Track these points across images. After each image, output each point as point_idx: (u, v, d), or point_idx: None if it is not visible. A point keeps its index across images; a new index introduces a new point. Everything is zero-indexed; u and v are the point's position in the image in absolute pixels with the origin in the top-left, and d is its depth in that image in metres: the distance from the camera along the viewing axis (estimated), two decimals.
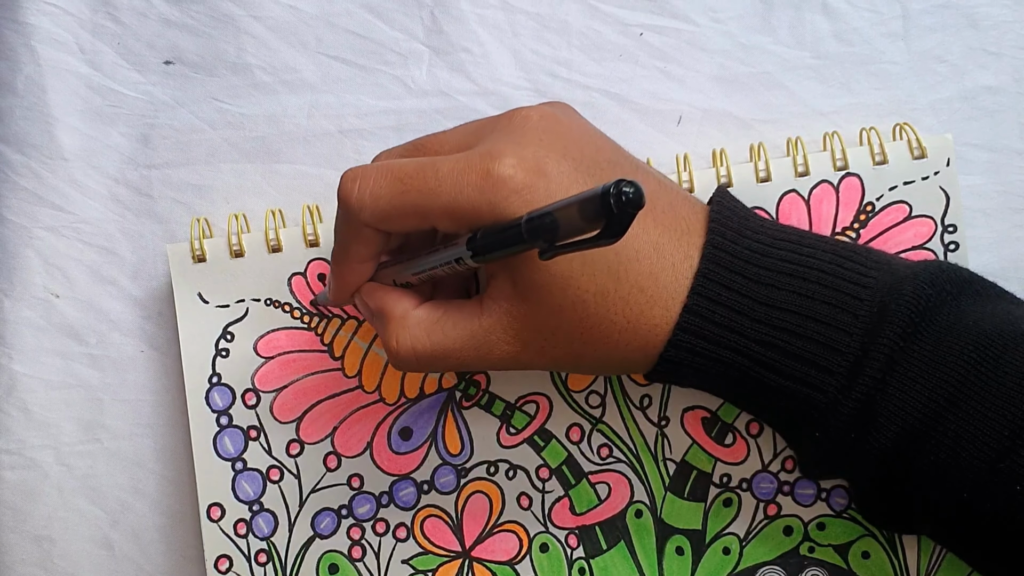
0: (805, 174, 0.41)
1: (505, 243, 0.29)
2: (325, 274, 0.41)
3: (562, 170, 0.32)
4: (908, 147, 0.41)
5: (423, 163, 0.33)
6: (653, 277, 0.33)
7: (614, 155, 0.35)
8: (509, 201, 0.31)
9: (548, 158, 0.32)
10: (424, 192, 0.32)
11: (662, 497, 0.41)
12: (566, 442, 0.41)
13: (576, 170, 0.33)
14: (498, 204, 0.31)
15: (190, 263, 0.42)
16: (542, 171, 0.32)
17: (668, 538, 0.41)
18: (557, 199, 0.29)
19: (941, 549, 0.40)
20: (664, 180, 0.36)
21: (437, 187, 0.32)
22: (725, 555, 0.41)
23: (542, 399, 0.41)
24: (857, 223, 0.41)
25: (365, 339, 0.42)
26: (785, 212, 0.41)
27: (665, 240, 0.34)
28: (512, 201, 0.31)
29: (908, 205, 0.40)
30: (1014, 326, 0.33)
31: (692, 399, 0.41)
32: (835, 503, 0.41)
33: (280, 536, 0.41)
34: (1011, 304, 0.35)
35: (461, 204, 0.32)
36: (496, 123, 0.35)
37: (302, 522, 0.41)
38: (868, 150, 0.41)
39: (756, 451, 0.41)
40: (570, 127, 0.35)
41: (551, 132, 0.34)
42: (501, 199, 0.31)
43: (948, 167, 0.40)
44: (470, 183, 0.32)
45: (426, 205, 0.32)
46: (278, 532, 0.41)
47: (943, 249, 0.40)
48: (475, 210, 0.32)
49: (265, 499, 0.41)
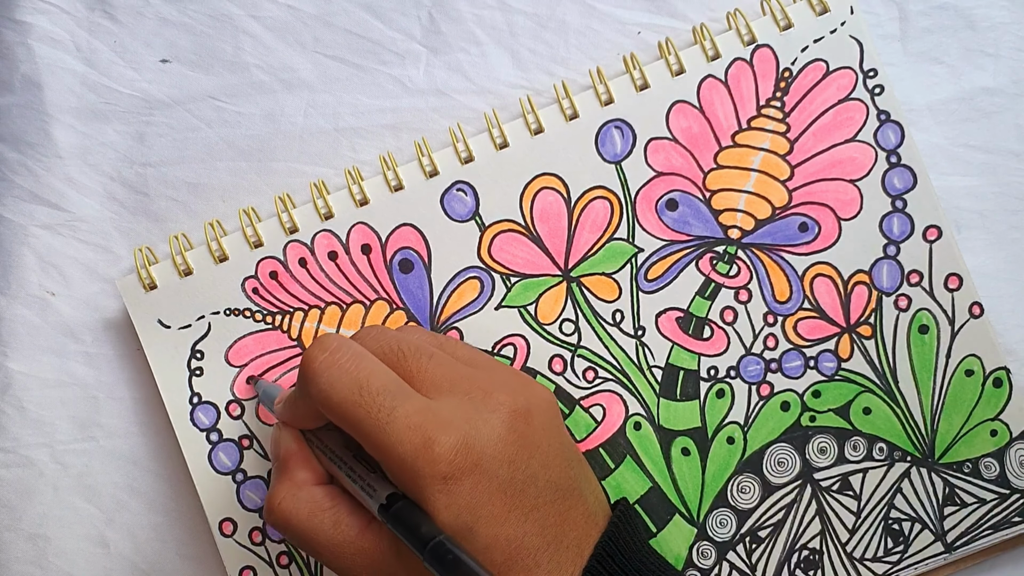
0: (716, 57, 0.41)
1: (409, 541, 0.31)
2: (277, 272, 0.42)
3: (491, 483, 0.33)
4: (809, 5, 0.42)
5: (388, 391, 0.33)
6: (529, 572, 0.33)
7: (557, 475, 0.35)
8: (432, 486, 0.32)
9: (488, 462, 0.33)
10: (370, 419, 0.32)
11: (656, 404, 0.41)
12: (551, 374, 0.42)
13: (502, 488, 0.33)
14: (420, 477, 0.32)
15: (142, 293, 0.42)
16: (475, 469, 0.32)
17: (671, 442, 0.41)
18: (475, 507, 0.31)
19: (942, 388, 0.41)
20: (591, 498, 0.36)
21: (383, 426, 0.32)
22: (730, 444, 0.41)
23: (517, 339, 0.42)
24: (779, 91, 0.41)
25: (331, 324, 0.42)
26: (707, 99, 0.41)
27: (543, 546, 0.34)
28: (433, 488, 0.32)
29: (824, 62, 0.41)
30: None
31: (662, 303, 0.41)
32: (824, 368, 0.41)
33: None
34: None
35: (395, 454, 0.32)
36: (474, 385, 0.35)
37: None
38: (772, 18, 0.42)
39: (736, 337, 0.41)
40: (529, 435, 0.34)
41: (511, 432, 0.34)
42: (426, 476, 0.32)
43: (853, 15, 0.41)
44: (411, 442, 0.32)
45: (365, 431, 0.32)
46: None
47: (869, 95, 0.41)
48: (401, 467, 0.32)
49: None
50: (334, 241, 0.42)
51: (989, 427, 0.41)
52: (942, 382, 0.41)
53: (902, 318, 0.41)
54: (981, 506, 0.41)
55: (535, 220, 0.42)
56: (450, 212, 0.42)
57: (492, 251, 0.42)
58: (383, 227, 0.42)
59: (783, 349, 0.41)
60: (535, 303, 0.42)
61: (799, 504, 0.41)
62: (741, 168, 0.42)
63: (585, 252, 0.42)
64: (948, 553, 0.41)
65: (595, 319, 0.42)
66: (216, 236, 0.42)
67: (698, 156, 0.42)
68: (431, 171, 0.42)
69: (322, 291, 0.42)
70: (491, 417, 0.34)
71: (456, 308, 0.42)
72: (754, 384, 0.42)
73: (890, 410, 0.41)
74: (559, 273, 0.42)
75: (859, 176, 0.41)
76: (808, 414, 0.41)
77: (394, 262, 0.42)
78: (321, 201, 0.42)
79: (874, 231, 0.41)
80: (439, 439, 0.32)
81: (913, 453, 0.41)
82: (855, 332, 0.41)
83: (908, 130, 0.41)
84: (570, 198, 0.42)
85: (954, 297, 0.41)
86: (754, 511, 0.41)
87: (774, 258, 0.42)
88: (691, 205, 0.42)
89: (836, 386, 0.41)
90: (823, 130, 0.41)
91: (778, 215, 0.42)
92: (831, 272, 0.41)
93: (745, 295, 0.42)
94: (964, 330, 0.41)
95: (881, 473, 0.41)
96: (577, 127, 0.42)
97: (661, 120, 0.42)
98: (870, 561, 0.41)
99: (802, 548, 0.41)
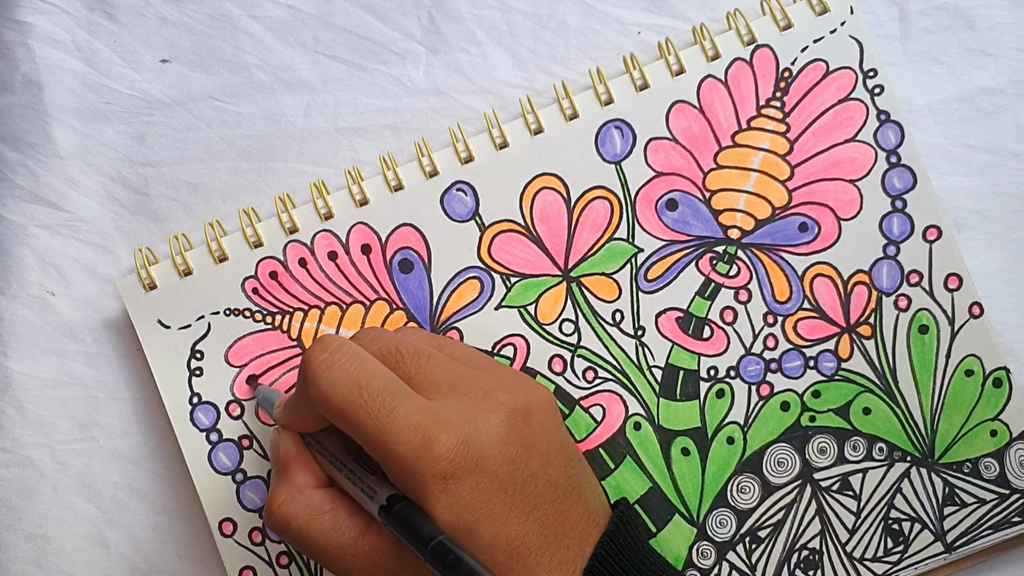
0: (716, 57, 0.41)
1: (410, 541, 0.31)
2: (277, 272, 0.42)
3: (491, 483, 0.33)
4: (809, 5, 0.42)
5: (388, 391, 0.33)
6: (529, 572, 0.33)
7: (557, 474, 0.35)
8: (433, 486, 0.32)
9: (489, 462, 0.33)
10: (370, 419, 0.32)
11: (656, 404, 0.41)
12: (550, 375, 0.42)
13: (503, 488, 0.33)
14: (421, 476, 0.32)
15: (142, 293, 0.42)
16: (475, 469, 0.32)
17: (671, 442, 0.41)
18: (476, 507, 0.31)
19: (942, 388, 0.41)
20: (592, 495, 0.36)
21: (383, 426, 0.32)
22: (730, 445, 0.41)
23: (517, 340, 0.42)
24: (779, 91, 0.41)
25: (331, 324, 0.42)
26: (707, 99, 0.41)
27: (543, 545, 0.34)
28: (434, 488, 0.32)
29: (824, 62, 0.41)
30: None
31: (662, 303, 0.41)
32: (824, 368, 0.41)
33: None
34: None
35: (395, 454, 0.32)
36: (473, 385, 0.35)
37: None
38: (772, 18, 0.42)
39: (736, 337, 0.41)
40: (529, 434, 0.34)
41: (511, 431, 0.34)
42: (426, 475, 0.32)
43: (853, 15, 0.41)
44: (411, 442, 0.32)
45: (365, 431, 0.32)
46: None
47: (869, 95, 0.41)
48: (401, 467, 0.32)
49: None
50: (334, 241, 0.42)
51: (989, 427, 0.41)
52: (942, 382, 0.41)
53: (902, 318, 0.41)
54: (981, 506, 0.41)
55: (535, 220, 0.42)
56: (450, 212, 0.42)
57: (492, 251, 0.42)
58: (383, 227, 0.42)
59: (783, 349, 0.41)
60: (535, 303, 0.42)
61: (799, 504, 0.41)
62: (741, 168, 0.42)
63: (585, 252, 0.42)
64: (948, 553, 0.41)
65: (595, 319, 0.42)
66: (216, 236, 0.42)
67: (698, 156, 0.42)
68: (431, 171, 0.42)
69: (322, 291, 0.42)
70: (491, 416, 0.34)
71: (456, 308, 0.42)
72: (754, 384, 0.42)
73: (890, 410, 0.41)
74: (559, 273, 0.42)
75: (859, 176, 0.41)
76: (808, 414, 0.41)
77: (394, 262, 0.42)
78: (321, 201, 0.42)
79: (874, 231, 0.41)
80: (439, 439, 0.32)
81: (913, 453, 0.41)
82: (855, 332, 0.41)
83: (908, 130, 0.41)
84: (570, 198, 0.42)
85: (954, 297, 0.41)
86: (754, 511, 0.41)
87: (774, 258, 0.42)
88: (691, 205, 0.42)
89: (836, 386, 0.41)
90: (823, 130, 0.41)
91: (778, 215, 0.42)
92: (831, 272, 0.41)
93: (745, 295, 0.42)
94: (964, 330, 0.41)
95: (881, 473, 0.41)
96: (577, 127, 0.42)
97: (661, 120, 0.42)
98: (870, 561, 0.41)
99: (802, 548, 0.41)
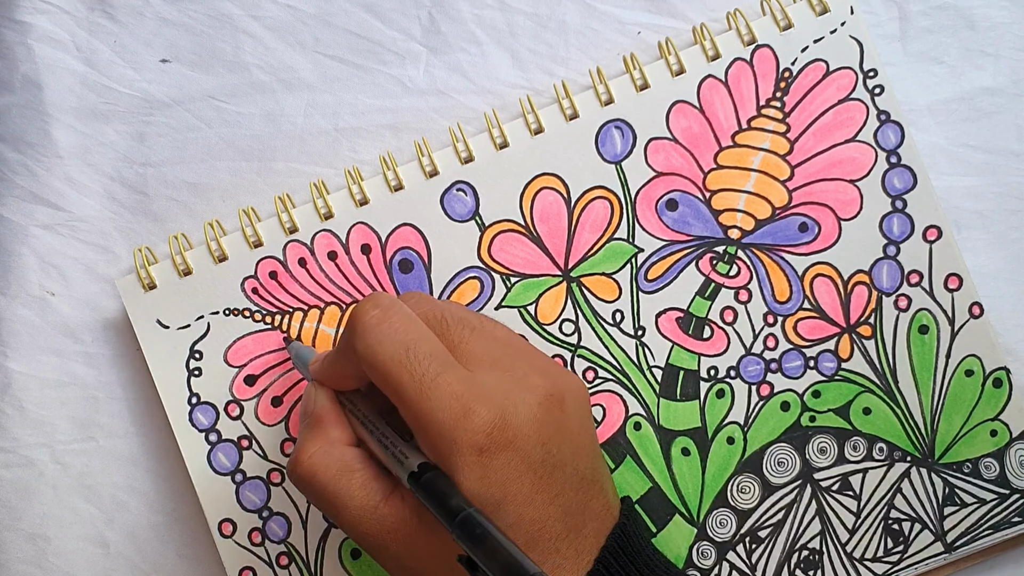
0: (716, 57, 0.42)
1: (437, 511, 0.31)
2: (277, 272, 0.42)
3: (523, 462, 0.33)
4: (809, 5, 0.42)
5: (435, 356, 0.33)
6: (555, 549, 0.33)
7: (584, 464, 0.35)
8: (467, 456, 0.32)
9: (523, 441, 0.33)
10: (413, 382, 0.32)
11: (656, 404, 0.42)
12: None
13: (533, 469, 0.33)
14: (456, 445, 0.32)
15: (142, 292, 0.42)
16: (509, 446, 0.32)
17: (671, 442, 0.41)
18: (506, 483, 0.32)
19: (942, 389, 0.41)
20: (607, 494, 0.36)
21: (425, 391, 0.32)
22: (730, 445, 0.41)
23: None
24: (779, 91, 0.42)
25: (331, 324, 0.42)
26: (707, 99, 0.41)
27: (563, 532, 0.34)
28: (468, 458, 0.32)
29: (824, 62, 0.41)
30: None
31: (662, 303, 0.41)
32: (824, 368, 0.41)
33: (296, 535, 0.42)
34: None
35: (434, 419, 0.32)
36: (513, 364, 0.35)
37: (314, 516, 0.42)
38: (772, 18, 0.42)
39: (736, 337, 0.42)
40: (563, 420, 0.35)
41: (547, 414, 0.34)
42: (462, 445, 0.32)
43: (853, 15, 0.41)
44: (451, 409, 0.32)
45: (406, 394, 0.32)
46: (293, 532, 0.42)
47: (869, 95, 0.41)
48: (439, 434, 0.32)
49: (272, 503, 0.41)
50: (334, 241, 0.42)
51: (989, 427, 0.41)
52: (942, 382, 0.41)
53: (902, 318, 0.41)
54: (981, 506, 0.41)
55: (535, 220, 0.42)
56: (450, 212, 0.42)
57: (492, 251, 0.42)
58: (383, 227, 0.42)
59: (783, 349, 0.41)
60: (535, 303, 0.42)
61: (799, 504, 0.41)
62: (741, 168, 0.42)
63: (585, 252, 0.42)
64: (948, 553, 0.41)
65: (595, 319, 0.42)
66: (216, 236, 0.42)
67: (698, 156, 0.42)
68: (431, 171, 0.42)
69: (322, 291, 0.42)
70: (528, 397, 0.34)
71: None
72: (754, 384, 0.42)
73: (890, 410, 0.41)
74: (559, 273, 0.42)
75: (859, 176, 0.41)
76: (808, 414, 0.41)
77: (394, 262, 0.42)
78: (321, 201, 0.42)
79: (874, 231, 0.41)
80: (479, 411, 0.32)
81: (913, 453, 0.41)
82: (855, 332, 0.41)
83: (908, 130, 0.41)
84: (570, 198, 0.42)
85: (954, 297, 0.41)
86: (754, 511, 0.41)
87: (774, 258, 0.42)
88: (691, 205, 0.42)
89: (836, 386, 0.41)
90: (823, 130, 0.41)
91: (778, 215, 0.42)
92: (831, 272, 0.41)
93: (745, 295, 0.42)
94: (964, 330, 0.41)
95: (881, 473, 0.41)
96: (577, 127, 0.42)
97: (661, 120, 0.42)
98: (870, 561, 0.41)
99: (802, 548, 0.41)
